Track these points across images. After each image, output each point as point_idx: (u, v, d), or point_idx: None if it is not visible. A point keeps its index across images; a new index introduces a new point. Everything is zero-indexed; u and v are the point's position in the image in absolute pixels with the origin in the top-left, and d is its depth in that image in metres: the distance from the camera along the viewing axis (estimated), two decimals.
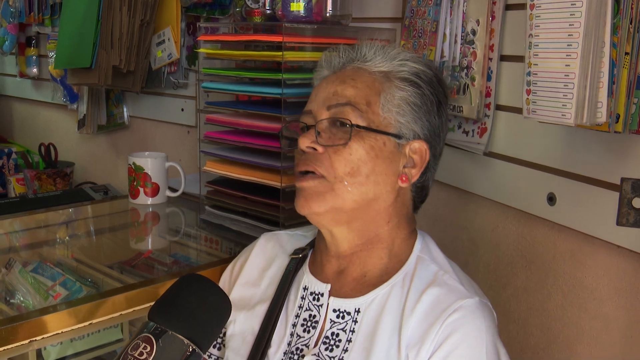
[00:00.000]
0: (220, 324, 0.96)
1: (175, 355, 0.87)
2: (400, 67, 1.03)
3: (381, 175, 1.00)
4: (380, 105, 1.00)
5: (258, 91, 1.50)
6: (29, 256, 1.56)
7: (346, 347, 0.98)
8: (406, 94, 1.01)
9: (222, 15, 1.91)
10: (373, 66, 1.03)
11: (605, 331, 1.18)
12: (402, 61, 1.03)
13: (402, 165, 1.01)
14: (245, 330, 1.07)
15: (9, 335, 1.06)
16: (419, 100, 1.02)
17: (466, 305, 0.94)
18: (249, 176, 1.53)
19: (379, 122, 1.00)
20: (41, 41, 2.75)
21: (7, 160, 2.76)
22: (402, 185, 1.02)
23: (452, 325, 0.92)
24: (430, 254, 1.04)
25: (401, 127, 1.00)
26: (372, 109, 1.00)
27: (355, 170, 0.98)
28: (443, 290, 0.96)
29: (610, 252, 1.14)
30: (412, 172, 1.02)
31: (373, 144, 0.99)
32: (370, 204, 1.00)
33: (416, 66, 1.03)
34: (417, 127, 1.02)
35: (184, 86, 2.12)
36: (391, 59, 1.03)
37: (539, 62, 1.01)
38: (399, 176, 1.01)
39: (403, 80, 1.02)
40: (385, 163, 1.00)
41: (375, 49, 1.05)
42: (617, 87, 0.98)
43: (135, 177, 1.79)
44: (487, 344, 0.92)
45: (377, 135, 0.99)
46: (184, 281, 0.96)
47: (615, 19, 0.96)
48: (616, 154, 1.09)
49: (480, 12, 1.33)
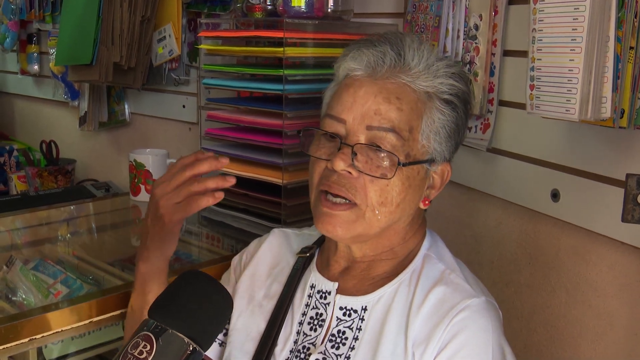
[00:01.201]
0: (221, 322, 0.95)
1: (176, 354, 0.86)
2: (443, 87, 0.98)
3: (409, 202, 0.99)
4: (421, 130, 0.96)
5: (259, 87, 1.50)
6: (30, 254, 1.56)
7: (353, 344, 0.98)
8: (445, 118, 0.98)
9: (223, 11, 1.90)
10: (418, 83, 0.97)
11: (609, 328, 1.17)
12: (445, 79, 0.98)
13: (426, 187, 1.01)
14: (249, 326, 1.07)
15: (10, 333, 1.06)
16: (455, 124, 0.99)
17: (472, 305, 0.93)
18: (251, 173, 1.52)
19: (416, 150, 0.97)
20: (42, 38, 2.74)
21: (8, 157, 2.76)
22: (423, 207, 1.02)
23: (458, 325, 0.92)
24: (437, 252, 1.03)
25: (435, 153, 0.99)
26: (413, 135, 0.96)
27: (389, 201, 0.96)
28: (449, 289, 0.95)
29: (615, 249, 1.14)
30: (432, 193, 1.02)
31: (409, 175, 0.97)
32: (391, 226, 1.00)
33: (457, 85, 0.99)
34: (447, 150, 1.00)
35: (185, 83, 2.12)
36: (434, 75, 0.98)
37: (542, 57, 1.00)
38: (423, 199, 1.01)
39: (444, 102, 0.98)
40: (415, 191, 0.99)
41: (418, 58, 0.98)
42: (622, 82, 0.97)
43: (137, 174, 1.79)
44: (493, 344, 0.92)
45: (414, 166, 0.97)
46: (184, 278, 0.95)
47: (620, 13, 0.95)
48: (621, 149, 1.08)
49: (483, 7, 1.32)
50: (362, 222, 0.96)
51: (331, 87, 1.04)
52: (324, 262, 1.08)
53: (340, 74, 1.02)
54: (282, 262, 1.12)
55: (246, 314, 1.08)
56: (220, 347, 1.12)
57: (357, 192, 0.95)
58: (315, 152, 1.00)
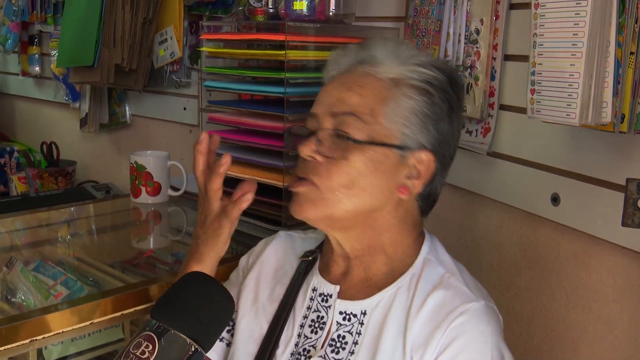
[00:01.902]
0: (223, 323, 0.95)
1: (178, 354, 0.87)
2: (409, 73, 0.98)
3: (378, 188, 0.97)
4: (385, 114, 0.96)
5: (261, 90, 1.50)
6: (31, 255, 1.56)
7: (352, 349, 0.98)
8: (414, 103, 0.96)
9: (225, 14, 1.91)
10: (382, 71, 0.98)
11: (609, 332, 1.17)
12: (414, 66, 0.98)
13: (405, 176, 0.98)
14: (252, 327, 1.07)
15: (10, 334, 1.06)
16: (428, 110, 0.97)
17: (472, 309, 0.93)
18: (251, 175, 1.52)
19: (382, 133, 0.96)
20: (43, 40, 2.75)
21: (9, 158, 2.76)
22: (401, 197, 0.99)
23: (457, 329, 0.91)
24: (437, 256, 1.02)
25: (405, 138, 0.97)
26: (376, 118, 0.96)
27: (352, 183, 0.96)
28: (449, 293, 0.95)
29: (615, 253, 1.14)
30: (415, 184, 0.99)
31: (373, 157, 0.96)
32: (366, 214, 0.99)
33: (428, 72, 0.98)
34: (423, 137, 0.97)
35: (186, 85, 2.12)
36: (402, 63, 0.98)
37: (543, 61, 1.01)
38: (398, 188, 0.98)
39: (412, 88, 0.97)
40: (384, 175, 0.97)
41: (386, 51, 1.00)
42: (623, 86, 0.97)
43: (137, 176, 1.79)
44: (492, 349, 0.92)
45: (377, 148, 0.96)
46: (187, 280, 0.96)
47: (621, 18, 0.95)
48: (621, 154, 1.08)
49: (484, 11, 1.32)
50: (323, 203, 0.97)
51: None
52: (325, 265, 1.08)
53: (324, 80, 1.07)
54: (286, 265, 1.12)
55: (250, 315, 1.09)
56: (227, 347, 1.12)
57: (318, 174, 0.97)
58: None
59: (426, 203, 1.04)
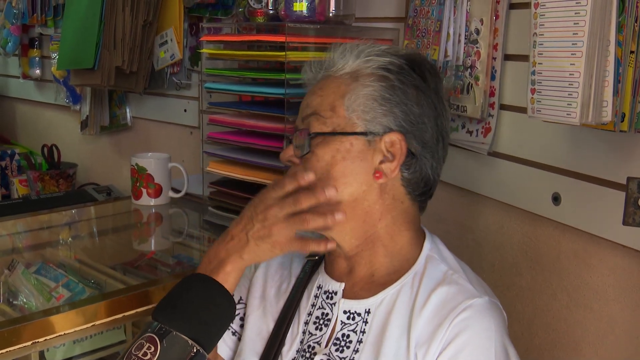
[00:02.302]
0: (224, 324, 0.96)
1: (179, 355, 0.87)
2: (365, 64, 1.01)
3: (352, 175, 0.99)
4: (345, 107, 0.99)
5: (261, 91, 1.50)
6: (32, 257, 1.56)
7: (357, 347, 0.98)
8: (371, 89, 0.99)
9: (225, 15, 1.91)
10: (339, 70, 1.02)
11: (610, 332, 1.17)
12: (367, 57, 1.01)
13: (379, 161, 0.99)
14: (260, 325, 1.08)
15: (12, 336, 1.06)
16: (387, 93, 0.99)
17: (475, 305, 0.93)
18: (252, 177, 1.53)
19: (344, 125, 0.99)
20: (44, 42, 2.75)
21: (10, 161, 2.76)
22: (378, 181, 0.99)
23: (460, 325, 0.92)
24: (440, 253, 1.03)
25: (367, 124, 0.98)
26: (337, 112, 1.00)
27: (325, 175, 0.98)
28: (452, 289, 0.96)
29: (616, 252, 1.14)
30: (390, 167, 0.99)
31: (338, 147, 0.98)
32: (352, 205, 0.99)
33: (382, 59, 1.00)
34: (388, 120, 0.98)
35: (186, 87, 2.12)
36: (356, 57, 1.02)
37: (543, 61, 1.01)
38: (373, 173, 0.99)
39: (369, 76, 1.00)
40: (354, 163, 0.98)
41: (342, 51, 1.03)
42: (623, 86, 0.97)
43: (138, 178, 1.79)
44: (497, 344, 0.92)
45: (341, 138, 0.99)
46: (188, 281, 0.96)
47: (621, 17, 0.95)
48: (622, 153, 1.08)
49: (484, 11, 1.32)
50: None
51: None
52: (329, 263, 1.09)
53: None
54: (292, 264, 1.13)
55: (258, 313, 1.09)
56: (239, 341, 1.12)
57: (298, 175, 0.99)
58: None
59: (416, 189, 1.03)
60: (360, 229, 1.02)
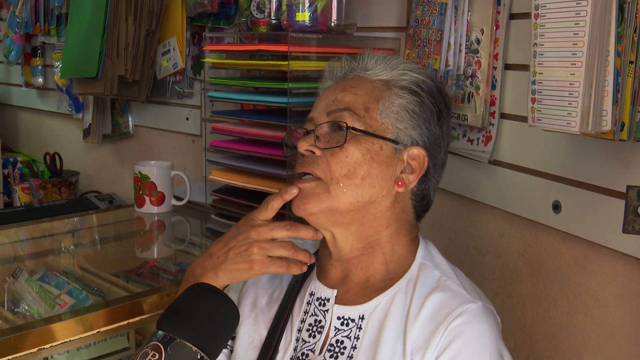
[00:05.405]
0: (228, 332, 0.96)
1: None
2: (401, 76, 1.04)
3: (377, 178, 1.00)
4: (379, 111, 1.01)
5: (263, 100, 1.51)
6: (35, 265, 1.57)
7: (351, 353, 0.99)
8: (405, 101, 1.02)
9: (227, 25, 1.92)
10: (374, 75, 1.05)
11: (611, 339, 1.18)
12: (403, 71, 1.05)
13: (400, 170, 1.02)
14: (252, 334, 1.08)
15: (18, 343, 1.07)
16: (418, 108, 1.03)
17: (470, 310, 0.94)
18: (255, 184, 1.54)
19: (376, 127, 1.01)
20: (47, 51, 2.76)
21: (12, 169, 2.77)
22: (398, 190, 1.02)
23: (455, 330, 0.93)
24: (433, 260, 1.04)
25: (399, 132, 1.01)
26: (371, 114, 1.01)
27: (351, 173, 0.99)
28: (446, 295, 0.97)
29: (616, 260, 1.15)
30: (409, 178, 1.03)
31: (369, 147, 1.00)
32: (366, 207, 1.01)
33: (417, 76, 1.05)
34: (416, 134, 1.02)
35: (189, 95, 2.13)
36: (392, 68, 1.05)
37: (543, 70, 1.02)
38: (396, 181, 1.02)
39: (403, 88, 1.03)
40: (381, 167, 1.01)
41: (376, 59, 1.07)
42: (622, 95, 0.98)
43: (141, 186, 1.80)
44: (491, 349, 0.93)
45: (373, 139, 1.00)
46: (192, 290, 0.96)
47: (620, 28, 0.96)
48: (621, 161, 1.09)
49: (484, 21, 1.34)
50: (327, 196, 0.99)
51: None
52: (322, 269, 1.09)
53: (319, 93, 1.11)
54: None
55: (249, 321, 1.09)
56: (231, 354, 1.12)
57: (319, 167, 1.00)
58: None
59: (420, 205, 1.07)
60: (365, 232, 1.03)
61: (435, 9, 1.40)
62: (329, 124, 1.02)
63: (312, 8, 1.48)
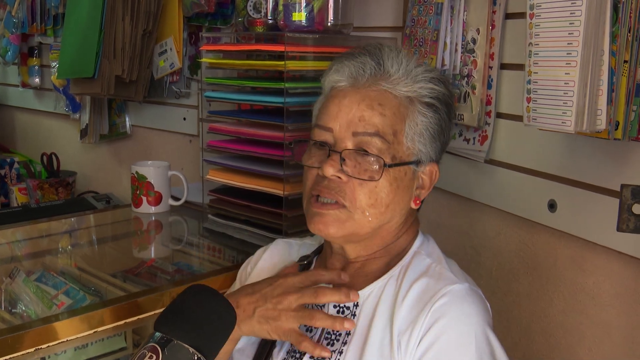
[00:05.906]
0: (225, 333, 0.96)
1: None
2: (423, 91, 1.03)
3: (399, 204, 1.02)
4: (405, 133, 1.01)
5: (260, 100, 1.51)
6: (33, 265, 1.57)
7: (345, 339, 1.00)
8: (428, 121, 1.03)
9: (224, 25, 1.92)
10: (398, 89, 1.02)
11: (606, 337, 1.18)
12: (424, 83, 1.03)
13: (415, 187, 1.04)
14: None
15: (15, 343, 1.07)
16: (438, 126, 1.04)
17: (454, 290, 0.95)
18: (252, 184, 1.54)
19: (402, 153, 1.01)
20: (43, 51, 2.76)
21: (9, 169, 2.77)
22: (414, 207, 1.05)
23: (439, 311, 0.93)
24: (427, 249, 1.06)
25: (420, 154, 1.03)
26: (398, 138, 1.01)
27: (378, 202, 1.00)
28: (433, 279, 0.98)
29: (611, 258, 1.15)
30: (422, 193, 1.06)
31: (396, 176, 1.01)
32: (383, 226, 1.03)
33: (436, 88, 1.04)
34: (433, 151, 1.04)
35: (186, 95, 2.14)
36: (413, 80, 1.03)
37: (539, 70, 1.02)
38: (413, 199, 1.04)
39: (425, 105, 1.03)
40: (404, 191, 1.02)
41: (397, 65, 1.03)
42: (617, 94, 0.99)
43: (138, 186, 1.80)
44: (477, 330, 0.93)
45: (400, 167, 1.01)
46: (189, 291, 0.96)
47: (614, 27, 0.97)
48: (616, 160, 1.09)
49: (480, 21, 1.34)
50: (352, 223, 1.00)
51: (319, 100, 1.10)
52: (322, 266, 1.11)
53: (326, 87, 1.08)
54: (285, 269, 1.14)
55: None
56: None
57: (346, 195, 0.99)
58: (307, 160, 1.06)
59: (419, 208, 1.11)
60: (374, 243, 1.06)
61: (431, 9, 1.41)
62: (364, 155, 0.99)
63: (308, 8, 1.48)
